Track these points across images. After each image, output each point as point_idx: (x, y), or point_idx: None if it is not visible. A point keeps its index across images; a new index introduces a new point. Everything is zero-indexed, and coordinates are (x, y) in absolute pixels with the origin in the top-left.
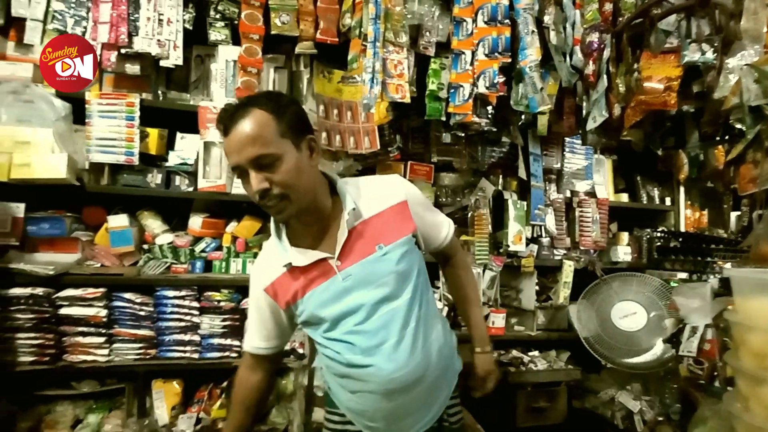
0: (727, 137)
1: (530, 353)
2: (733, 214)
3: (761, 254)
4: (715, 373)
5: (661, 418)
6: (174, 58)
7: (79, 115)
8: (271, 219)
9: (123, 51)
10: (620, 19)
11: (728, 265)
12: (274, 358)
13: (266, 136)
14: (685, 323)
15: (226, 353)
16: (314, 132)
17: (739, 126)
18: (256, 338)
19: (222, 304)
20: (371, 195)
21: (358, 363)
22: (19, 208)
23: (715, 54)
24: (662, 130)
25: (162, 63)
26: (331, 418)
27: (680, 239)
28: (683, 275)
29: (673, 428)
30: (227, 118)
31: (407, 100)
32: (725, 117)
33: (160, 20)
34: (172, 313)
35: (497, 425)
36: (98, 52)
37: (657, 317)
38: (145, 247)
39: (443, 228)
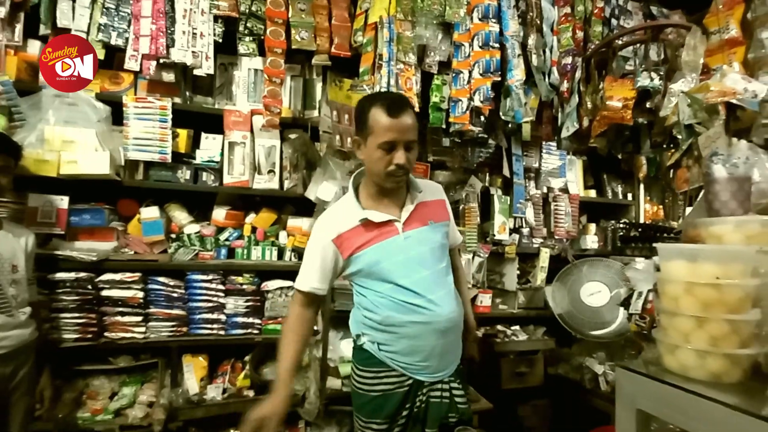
0: (672, 145)
1: (512, 328)
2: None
3: (689, 237)
4: (654, 325)
5: None
6: (206, 67)
7: (116, 116)
8: (350, 183)
9: (161, 61)
10: (590, 45)
11: None
12: (323, 298)
13: (416, 130)
14: (634, 290)
15: (249, 330)
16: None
17: (679, 137)
18: (315, 280)
19: (245, 287)
20: (426, 187)
21: (424, 306)
22: (64, 201)
23: (661, 81)
24: (623, 139)
25: (195, 72)
26: (365, 375)
27: (639, 229)
28: (641, 260)
29: None
30: (396, 102)
31: (417, 110)
32: (671, 129)
33: (194, 34)
34: (200, 294)
35: (486, 387)
36: (139, 61)
37: (617, 294)
38: (173, 236)
39: (458, 234)
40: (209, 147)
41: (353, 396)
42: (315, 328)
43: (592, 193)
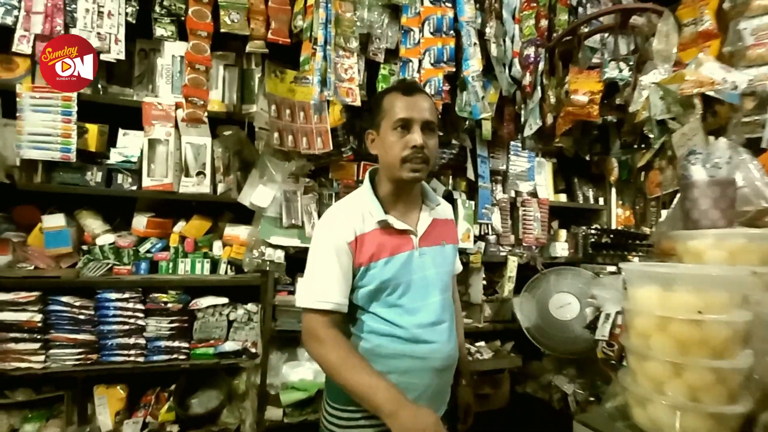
0: (644, 146)
1: (477, 344)
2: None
3: (662, 250)
4: (623, 354)
5: (591, 399)
6: (115, 52)
7: (8, 108)
8: (366, 179)
9: None
10: (554, 35)
11: (636, 260)
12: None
13: (434, 113)
14: (601, 311)
15: (174, 355)
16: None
17: (651, 135)
18: (338, 295)
19: (169, 305)
20: (441, 203)
21: (425, 338)
22: None
23: (631, 72)
24: (590, 138)
25: (102, 57)
26: (338, 415)
27: (611, 236)
28: (612, 268)
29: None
30: (410, 84)
31: (357, 103)
32: (641, 127)
33: (100, 12)
34: (114, 316)
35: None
36: (31, 43)
37: (584, 314)
38: (85, 248)
39: (459, 262)
40: (127, 145)
41: None
42: (253, 350)
43: (563, 198)
